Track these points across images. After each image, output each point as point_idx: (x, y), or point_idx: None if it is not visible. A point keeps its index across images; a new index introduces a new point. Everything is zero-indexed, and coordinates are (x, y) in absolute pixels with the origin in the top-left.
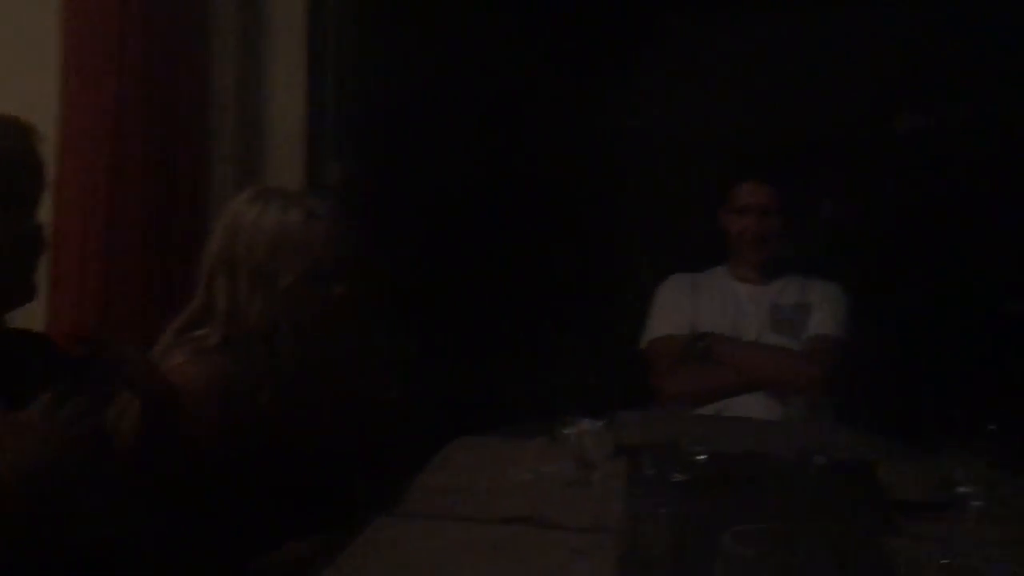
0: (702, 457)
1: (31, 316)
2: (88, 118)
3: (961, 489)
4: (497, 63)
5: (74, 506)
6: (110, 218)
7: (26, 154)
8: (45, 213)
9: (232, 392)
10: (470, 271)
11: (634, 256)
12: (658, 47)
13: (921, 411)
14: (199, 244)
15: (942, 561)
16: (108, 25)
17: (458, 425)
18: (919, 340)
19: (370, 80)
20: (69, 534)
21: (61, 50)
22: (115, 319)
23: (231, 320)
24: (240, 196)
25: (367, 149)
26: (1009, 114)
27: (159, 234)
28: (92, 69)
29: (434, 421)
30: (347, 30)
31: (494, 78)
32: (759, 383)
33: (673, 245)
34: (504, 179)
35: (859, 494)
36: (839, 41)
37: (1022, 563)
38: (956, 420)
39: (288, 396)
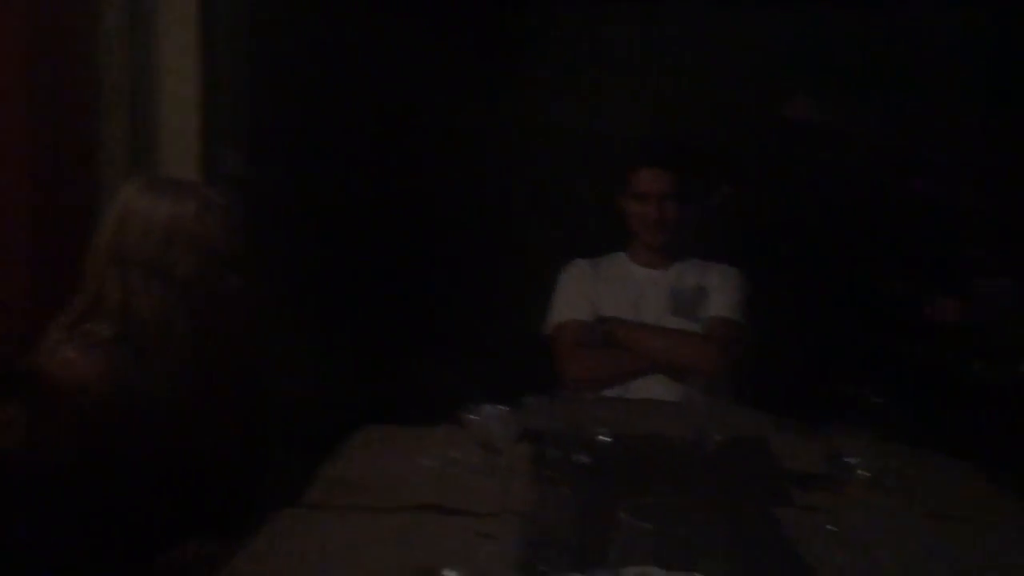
0: (605, 439)
1: None
2: None
3: (848, 460)
4: (396, 49)
5: None
6: None
7: None
8: None
9: (127, 387)
10: (371, 261)
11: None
12: (555, 38)
13: (812, 388)
14: (88, 234)
15: (829, 528)
16: None
17: (363, 415)
18: (811, 320)
19: (265, 66)
20: None
21: None
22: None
23: (124, 313)
24: (129, 186)
25: (265, 137)
26: (895, 101)
27: (47, 223)
28: None
29: (338, 412)
30: (240, 15)
31: (393, 63)
32: (659, 365)
33: (574, 231)
34: (405, 168)
35: (753, 468)
36: (733, 30)
37: (903, 527)
38: (845, 395)
39: (185, 390)
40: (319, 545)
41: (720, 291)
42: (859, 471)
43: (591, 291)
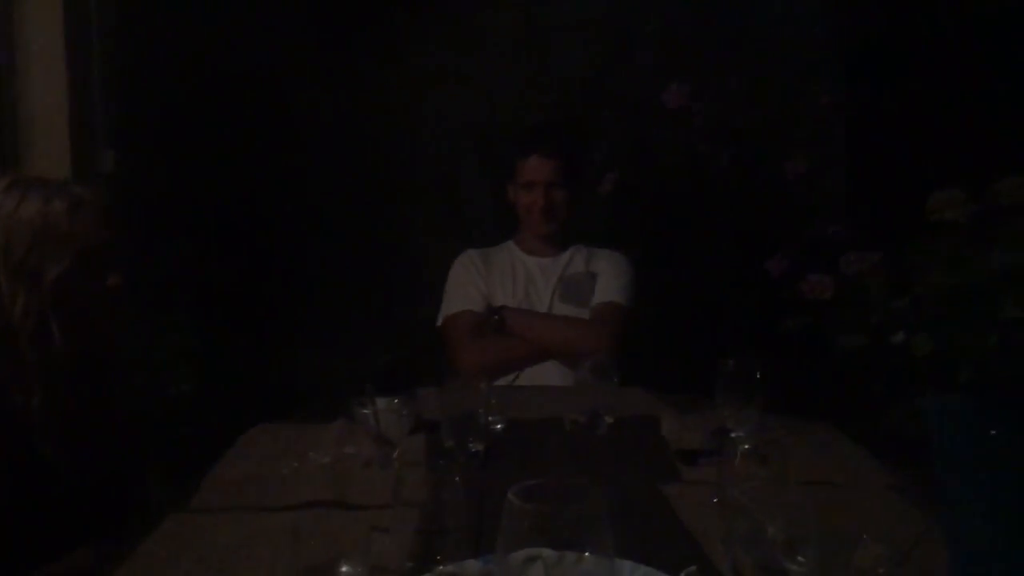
0: (499, 426)
1: None
2: None
3: (733, 434)
4: (270, 40)
5: None
6: None
7: None
8: None
9: (1, 393)
10: (257, 257)
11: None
12: (437, 26)
13: (698, 366)
14: None
15: (714, 500)
16: None
17: (255, 414)
18: (696, 300)
19: (133, 62)
20: None
21: None
22: None
23: None
24: None
25: (138, 135)
26: (762, 86)
27: None
28: None
29: (228, 412)
30: (106, 11)
31: (267, 55)
32: (550, 351)
33: (462, 221)
34: (286, 161)
35: (644, 446)
36: (612, 19)
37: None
38: (729, 372)
39: (62, 393)
40: (212, 547)
41: (607, 276)
42: (743, 444)
43: (482, 281)
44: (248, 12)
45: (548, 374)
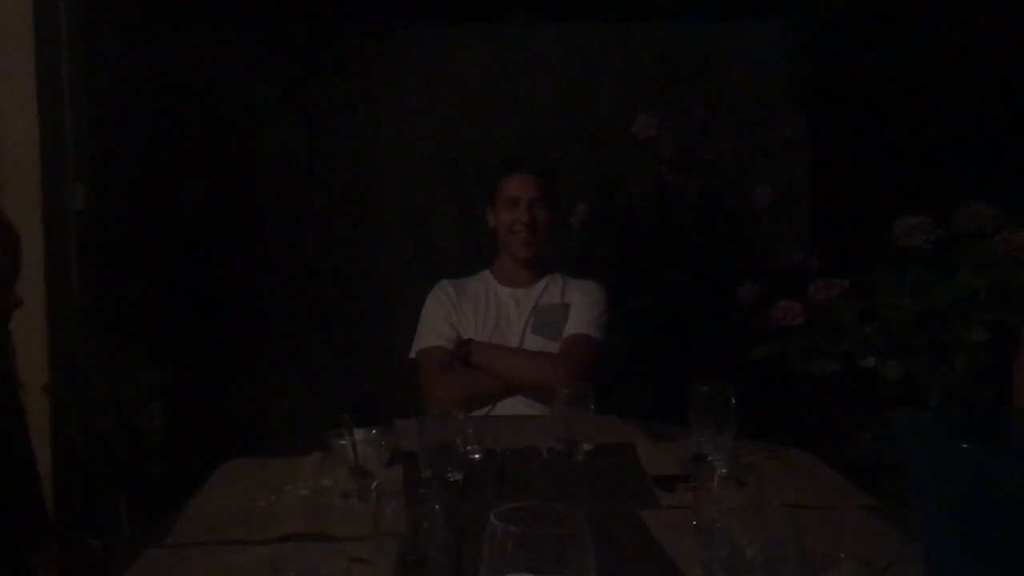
0: (477, 455)
1: None
2: None
3: (710, 459)
4: (237, 78)
5: None
6: None
7: None
8: None
9: None
10: (229, 291)
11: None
12: (401, 64)
13: (674, 393)
14: None
15: (693, 524)
16: None
17: (228, 450)
18: (667, 329)
19: (107, 99)
20: None
21: None
22: None
23: None
24: None
25: (110, 170)
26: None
27: None
28: None
29: (202, 447)
30: (76, 49)
31: (235, 94)
32: (518, 386)
33: (434, 252)
34: (258, 198)
35: (622, 473)
36: (579, 54)
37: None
38: (703, 398)
39: None
40: None
41: (579, 307)
42: (720, 469)
43: (454, 314)
44: (217, 47)
45: (521, 406)
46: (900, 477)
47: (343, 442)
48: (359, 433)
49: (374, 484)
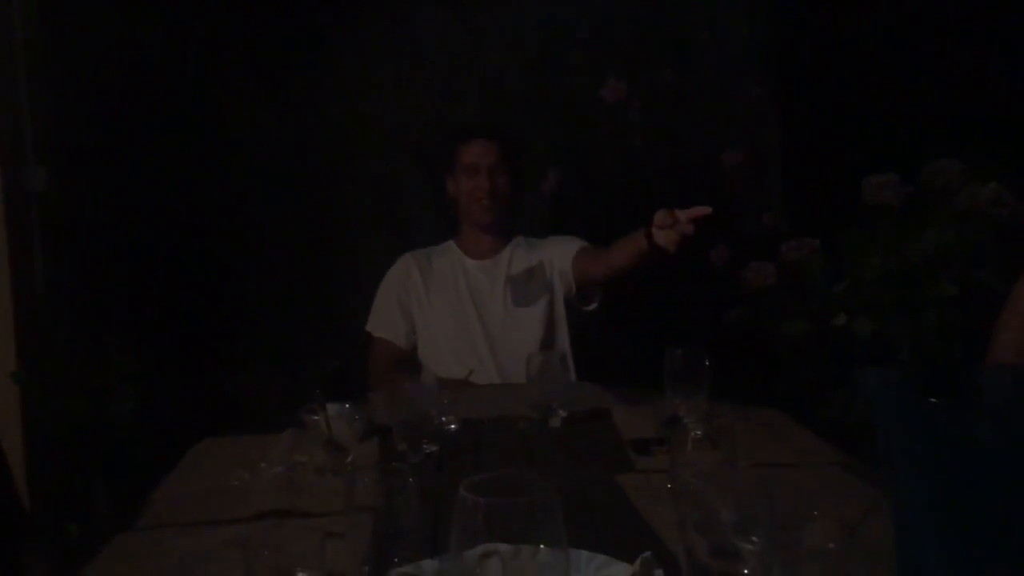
0: (452, 426)
1: None
2: None
3: (684, 422)
4: (200, 53)
5: None
6: None
7: None
8: None
9: None
10: (195, 270)
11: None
12: (366, 30)
13: (649, 357)
14: None
15: (668, 486)
16: None
17: (201, 431)
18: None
19: (66, 80)
20: None
21: None
22: None
23: None
24: None
25: (71, 152)
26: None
27: None
28: None
29: (174, 430)
30: (32, 26)
31: (198, 69)
32: None
33: (400, 223)
34: (222, 174)
35: (598, 439)
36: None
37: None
38: (677, 362)
39: None
40: (163, 563)
41: (559, 244)
42: (694, 431)
43: (413, 298)
44: (179, 23)
45: (493, 378)
46: (872, 435)
47: (316, 417)
48: (332, 408)
49: (349, 459)
